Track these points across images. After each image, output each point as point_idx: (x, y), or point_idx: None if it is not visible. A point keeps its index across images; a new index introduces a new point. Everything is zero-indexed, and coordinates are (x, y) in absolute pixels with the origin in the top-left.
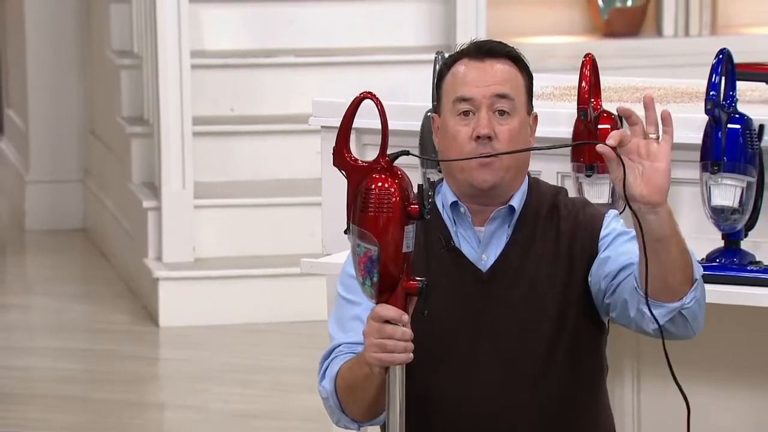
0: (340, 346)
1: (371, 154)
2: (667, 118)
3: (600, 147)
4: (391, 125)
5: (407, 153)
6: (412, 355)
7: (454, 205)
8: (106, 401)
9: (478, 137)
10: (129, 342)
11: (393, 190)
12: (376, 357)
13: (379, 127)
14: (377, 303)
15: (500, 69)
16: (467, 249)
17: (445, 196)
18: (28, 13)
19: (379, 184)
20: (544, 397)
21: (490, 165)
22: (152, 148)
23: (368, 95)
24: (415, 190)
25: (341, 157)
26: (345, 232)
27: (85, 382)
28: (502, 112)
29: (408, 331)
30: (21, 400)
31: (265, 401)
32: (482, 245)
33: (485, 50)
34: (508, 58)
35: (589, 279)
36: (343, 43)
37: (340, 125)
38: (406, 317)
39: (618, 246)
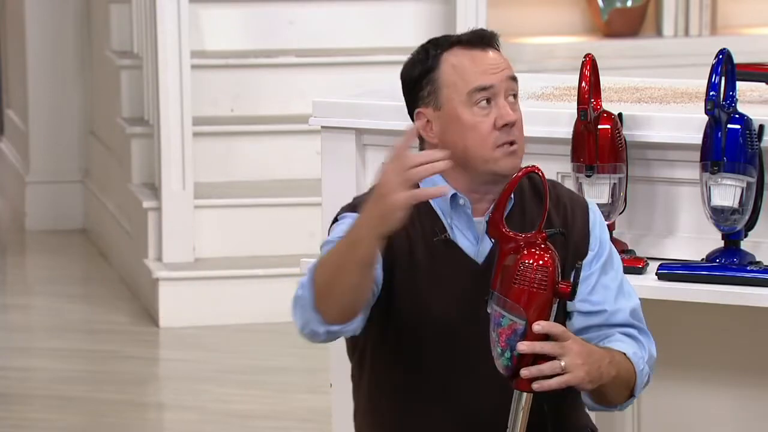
0: None
1: (371, 155)
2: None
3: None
4: (391, 125)
5: (563, 234)
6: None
7: (453, 197)
8: (106, 401)
9: (505, 125)
10: (129, 342)
11: (551, 268)
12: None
13: (380, 127)
14: (511, 380)
15: (499, 54)
16: (464, 242)
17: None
18: (28, 13)
19: (539, 260)
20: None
21: (515, 152)
22: (152, 149)
23: (534, 169)
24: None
25: (497, 228)
26: (486, 299)
27: (85, 383)
28: (515, 95)
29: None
30: (21, 400)
31: (265, 401)
32: (480, 237)
33: (486, 39)
34: (497, 44)
35: None
36: (343, 43)
37: (501, 198)
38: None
39: (595, 280)
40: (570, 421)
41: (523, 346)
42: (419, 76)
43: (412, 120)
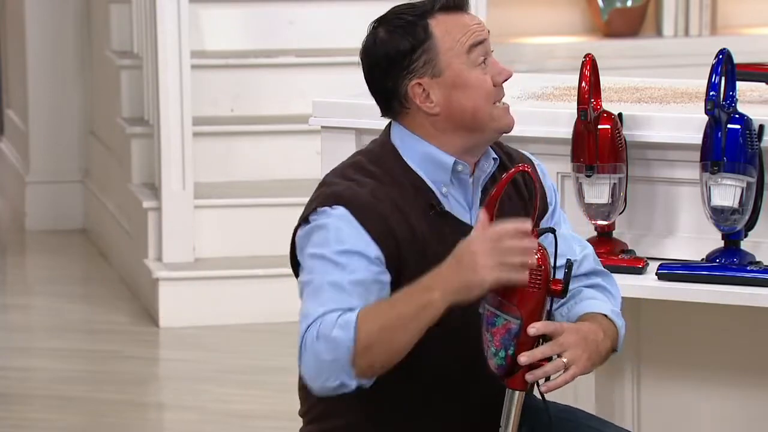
0: (352, 310)
1: None
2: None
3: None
4: None
5: (553, 231)
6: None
7: (454, 165)
8: (106, 401)
9: (505, 80)
10: (129, 342)
11: (544, 266)
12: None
13: (380, 127)
14: (504, 379)
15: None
16: (458, 209)
17: (431, 158)
18: (28, 13)
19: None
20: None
21: (509, 109)
22: (152, 149)
23: (524, 168)
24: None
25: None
26: (480, 298)
27: (85, 383)
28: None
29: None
30: (21, 400)
31: (265, 401)
32: (472, 201)
33: (461, 2)
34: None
35: None
36: (343, 43)
37: (492, 197)
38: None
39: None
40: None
41: (524, 358)
42: (412, 48)
43: (389, 94)
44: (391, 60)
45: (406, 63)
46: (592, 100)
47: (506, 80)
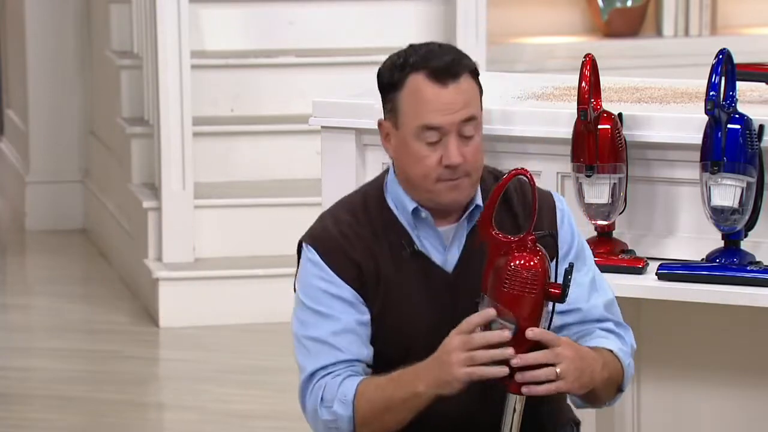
0: (334, 364)
1: (371, 155)
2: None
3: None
4: None
5: (552, 236)
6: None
7: (415, 211)
8: (106, 401)
9: (449, 166)
10: (129, 342)
11: (540, 271)
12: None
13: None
14: (502, 383)
15: (463, 89)
16: (432, 251)
17: (400, 200)
18: (28, 14)
19: (530, 264)
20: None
21: (458, 186)
22: (152, 149)
23: (523, 172)
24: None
25: (487, 230)
26: (476, 301)
27: (85, 383)
28: (469, 136)
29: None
30: (21, 400)
31: (265, 401)
32: (447, 245)
33: (451, 74)
34: (467, 73)
35: None
36: (343, 43)
37: (490, 199)
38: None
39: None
40: (555, 414)
41: (517, 360)
42: (386, 88)
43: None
44: (378, 83)
45: (382, 98)
46: (592, 100)
47: (452, 167)
